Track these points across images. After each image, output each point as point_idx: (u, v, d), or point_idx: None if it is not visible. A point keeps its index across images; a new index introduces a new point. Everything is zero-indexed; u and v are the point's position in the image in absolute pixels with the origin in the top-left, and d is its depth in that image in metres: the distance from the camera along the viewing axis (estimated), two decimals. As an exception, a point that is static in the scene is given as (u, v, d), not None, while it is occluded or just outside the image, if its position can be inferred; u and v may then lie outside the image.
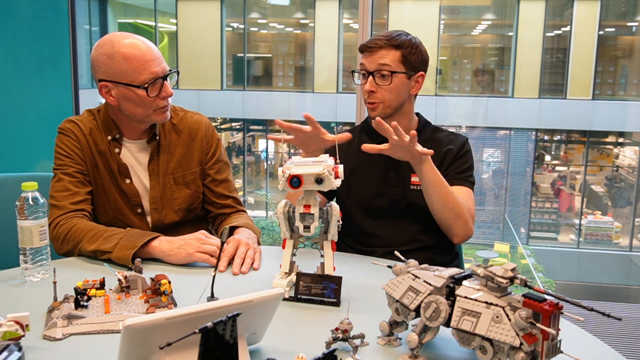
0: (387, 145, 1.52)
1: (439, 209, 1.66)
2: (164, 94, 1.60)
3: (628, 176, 11.32)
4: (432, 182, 1.62)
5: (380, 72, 1.71)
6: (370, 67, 1.72)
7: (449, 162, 1.77)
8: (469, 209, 1.72)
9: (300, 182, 1.21)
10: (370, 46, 1.72)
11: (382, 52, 1.71)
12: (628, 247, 10.44)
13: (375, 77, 1.71)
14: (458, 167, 1.77)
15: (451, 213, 1.65)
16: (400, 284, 1.02)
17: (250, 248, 1.50)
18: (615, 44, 11.46)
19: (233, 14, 12.49)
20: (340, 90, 11.37)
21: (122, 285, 1.24)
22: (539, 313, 0.84)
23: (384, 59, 1.71)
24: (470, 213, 1.72)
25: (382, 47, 1.71)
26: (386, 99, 1.73)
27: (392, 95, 1.73)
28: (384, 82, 1.71)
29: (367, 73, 1.73)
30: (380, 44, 1.71)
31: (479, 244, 10.30)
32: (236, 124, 12.78)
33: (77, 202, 1.61)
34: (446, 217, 1.67)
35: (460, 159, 1.79)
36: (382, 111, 1.74)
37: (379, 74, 1.71)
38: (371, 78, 1.72)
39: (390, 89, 1.72)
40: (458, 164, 1.78)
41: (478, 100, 11.22)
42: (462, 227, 1.68)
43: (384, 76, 1.71)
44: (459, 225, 1.68)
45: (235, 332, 0.81)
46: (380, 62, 1.70)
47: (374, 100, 1.73)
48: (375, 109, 1.74)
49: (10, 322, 0.96)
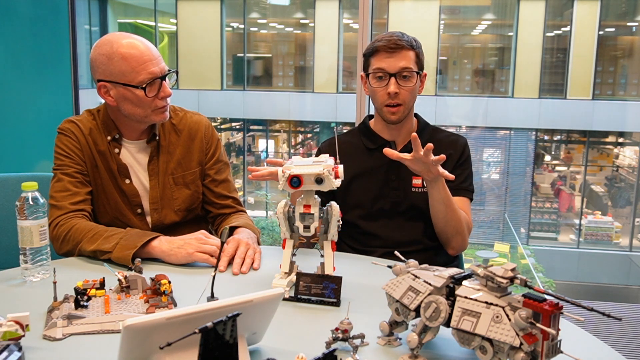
0: (410, 155, 1.51)
1: (442, 225, 1.70)
2: (163, 94, 1.60)
3: (628, 176, 11.31)
4: (442, 200, 1.63)
5: (401, 73, 1.68)
6: (391, 69, 1.68)
7: (451, 168, 1.76)
8: (468, 222, 1.75)
9: (300, 182, 1.21)
10: (391, 47, 1.68)
11: (403, 53, 1.69)
12: (628, 247, 10.43)
13: (397, 78, 1.69)
14: (459, 176, 1.77)
15: (453, 229, 1.70)
16: (400, 284, 1.02)
17: (250, 248, 1.50)
18: (615, 44, 11.45)
19: (233, 14, 12.48)
20: (340, 90, 11.36)
21: (122, 285, 1.24)
22: (539, 313, 0.84)
23: (405, 60, 1.68)
24: (469, 227, 1.76)
25: (403, 47, 1.69)
26: (407, 101, 1.72)
27: (412, 97, 1.73)
28: (407, 83, 1.69)
29: (388, 75, 1.69)
30: (402, 44, 1.68)
31: (479, 244, 10.30)
32: (236, 124, 12.78)
33: (77, 202, 1.61)
34: (447, 231, 1.71)
35: (462, 166, 1.80)
36: (402, 114, 1.73)
37: (400, 76, 1.69)
38: (394, 80, 1.68)
39: (411, 90, 1.71)
40: (459, 171, 1.78)
41: (478, 100, 11.21)
42: (460, 242, 1.74)
43: (405, 77, 1.69)
44: (457, 241, 1.73)
45: (235, 332, 0.81)
46: (402, 64, 1.68)
47: (397, 102, 1.71)
48: (396, 112, 1.72)
49: (10, 322, 0.96)
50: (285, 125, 12.94)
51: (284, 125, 12.98)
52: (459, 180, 1.77)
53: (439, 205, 1.65)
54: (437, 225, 1.72)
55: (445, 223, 1.69)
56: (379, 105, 1.75)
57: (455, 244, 1.75)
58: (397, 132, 1.80)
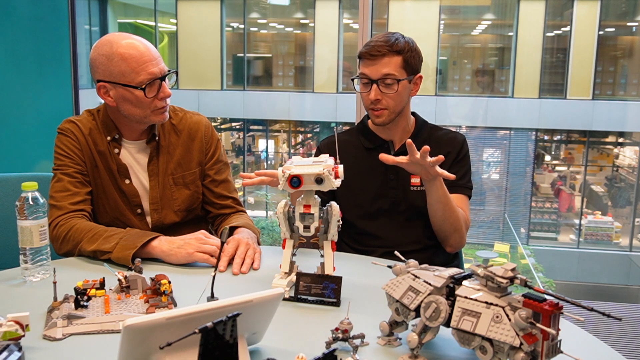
0: (406, 158, 1.51)
1: (440, 223, 1.70)
2: (162, 94, 1.60)
3: (628, 176, 11.31)
4: (440, 199, 1.64)
5: (384, 80, 1.67)
6: (373, 76, 1.67)
7: (448, 165, 1.76)
8: (466, 219, 1.75)
9: (300, 182, 1.21)
10: (372, 53, 1.66)
11: (384, 60, 1.66)
12: (628, 247, 10.43)
13: (379, 85, 1.68)
14: (456, 173, 1.76)
15: (450, 227, 1.71)
16: (400, 284, 1.02)
17: (250, 248, 1.50)
18: (615, 44, 11.45)
19: (233, 14, 12.48)
20: (340, 90, 11.36)
21: (122, 285, 1.24)
22: (539, 313, 0.84)
23: (387, 68, 1.66)
24: (466, 224, 1.76)
25: (384, 54, 1.66)
26: (391, 106, 1.71)
27: (397, 102, 1.71)
28: (389, 90, 1.68)
29: (370, 81, 1.68)
30: (383, 51, 1.66)
31: (479, 244, 10.30)
32: (236, 124, 12.78)
33: (77, 203, 1.61)
34: (445, 229, 1.72)
35: (459, 163, 1.80)
36: (387, 117, 1.72)
37: (383, 83, 1.67)
38: (375, 86, 1.67)
39: (394, 97, 1.69)
40: (457, 168, 1.78)
41: (478, 100, 11.21)
42: (458, 240, 1.75)
43: (387, 84, 1.67)
44: (455, 238, 1.74)
45: (235, 332, 0.81)
46: (384, 71, 1.66)
47: (379, 107, 1.70)
48: (380, 115, 1.72)
49: (10, 322, 0.96)
50: (285, 125, 12.94)
51: (284, 125, 12.98)
52: (457, 177, 1.76)
53: (436, 204, 1.66)
54: (435, 224, 1.72)
55: (443, 221, 1.69)
56: (365, 108, 1.76)
57: (453, 242, 1.75)
58: (393, 132, 1.80)
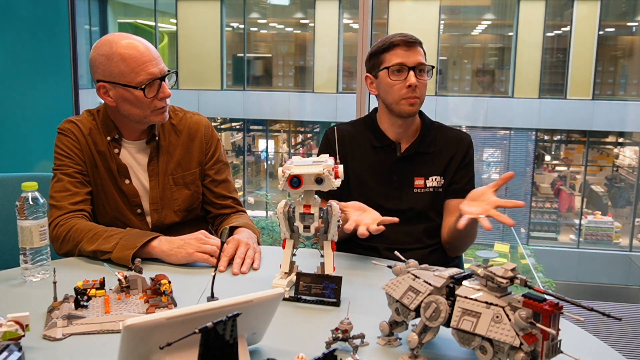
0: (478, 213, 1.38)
1: (456, 241, 1.77)
2: (162, 94, 1.60)
3: (628, 176, 11.31)
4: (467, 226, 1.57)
5: (418, 67, 1.71)
6: (411, 63, 1.70)
7: (454, 169, 1.78)
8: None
9: (300, 182, 1.21)
10: (409, 41, 1.72)
11: (419, 49, 1.73)
12: (628, 247, 10.43)
13: (415, 72, 1.71)
14: (462, 178, 1.79)
15: (464, 245, 1.80)
16: (400, 284, 1.02)
17: (250, 248, 1.50)
18: (615, 44, 11.45)
19: (233, 14, 12.48)
20: (340, 90, 11.36)
21: (122, 285, 1.24)
22: (539, 313, 0.84)
23: (421, 55, 1.73)
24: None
25: (417, 43, 1.73)
26: (422, 95, 1.74)
27: (424, 92, 1.76)
28: (424, 77, 1.73)
29: (407, 68, 1.70)
30: (416, 40, 1.73)
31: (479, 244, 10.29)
32: (236, 124, 12.79)
33: (77, 203, 1.61)
34: (457, 245, 1.79)
35: (465, 168, 1.81)
36: (418, 107, 1.76)
37: (417, 70, 1.71)
38: (413, 72, 1.70)
39: (426, 85, 1.75)
40: (463, 173, 1.79)
41: (478, 100, 11.21)
42: (462, 250, 1.85)
43: (421, 71, 1.72)
44: (462, 250, 1.84)
45: (235, 332, 0.81)
46: (419, 58, 1.72)
47: (414, 95, 1.72)
48: (414, 104, 1.73)
49: (10, 322, 0.96)
50: (285, 125, 12.95)
51: (284, 125, 12.98)
52: (463, 182, 1.78)
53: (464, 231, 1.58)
54: (451, 241, 1.76)
55: (460, 240, 1.76)
56: (395, 100, 1.72)
57: (458, 252, 1.84)
58: (403, 132, 1.79)
